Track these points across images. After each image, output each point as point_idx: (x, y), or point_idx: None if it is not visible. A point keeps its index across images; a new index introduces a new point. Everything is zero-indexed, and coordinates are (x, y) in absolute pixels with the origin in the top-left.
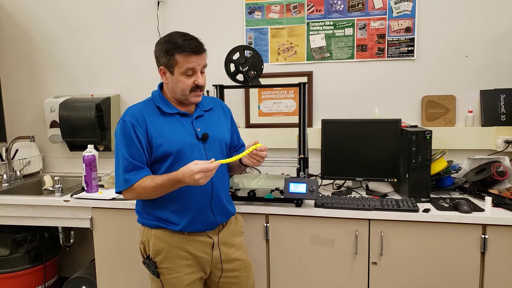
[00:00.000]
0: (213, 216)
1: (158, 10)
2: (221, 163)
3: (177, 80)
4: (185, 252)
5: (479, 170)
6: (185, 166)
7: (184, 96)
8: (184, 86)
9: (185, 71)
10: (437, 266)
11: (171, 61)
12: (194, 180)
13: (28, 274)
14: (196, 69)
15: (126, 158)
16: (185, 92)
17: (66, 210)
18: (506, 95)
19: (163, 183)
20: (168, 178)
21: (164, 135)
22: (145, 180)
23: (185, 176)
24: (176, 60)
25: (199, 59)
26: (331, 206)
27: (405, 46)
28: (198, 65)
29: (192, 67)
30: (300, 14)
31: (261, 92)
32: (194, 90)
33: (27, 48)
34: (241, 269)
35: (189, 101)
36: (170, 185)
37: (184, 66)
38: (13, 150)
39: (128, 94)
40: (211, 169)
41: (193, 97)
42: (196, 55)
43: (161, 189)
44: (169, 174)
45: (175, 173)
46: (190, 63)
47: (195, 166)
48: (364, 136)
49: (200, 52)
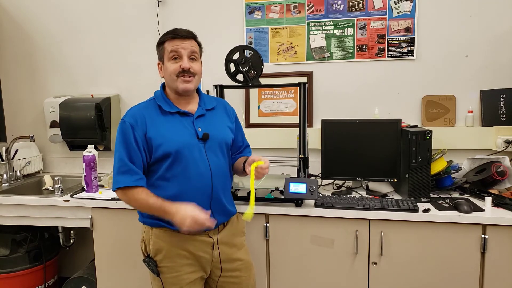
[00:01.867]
0: (212, 216)
1: (158, 10)
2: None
3: (165, 67)
4: (185, 251)
5: (479, 170)
6: (183, 206)
7: (173, 83)
8: (170, 71)
9: (170, 56)
10: (437, 266)
11: (161, 51)
12: (182, 224)
13: (28, 274)
14: (181, 53)
15: (121, 159)
16: (173, 77)
17: (66, 210)
18: (506, 95)
19: (155, 206)
20: (161, 206)
21: (164, 135)
22: (140, 193)
23: (178, 214)
24: (164, 48)
25: (183, 42)
26: (331, 206)
27: (405, 46)
28: (183, 48)
29: (175, 49)
30: (300, 14)
31: (261, 92)
32: (182, 75)
33: (27, 48)
34: (242, 269)
35: (178, 88)
36: (159, 211)
37: (168, 50)
38: (13, 150)
39: (128, 94)
40: (203, 224)
41: (181, 83)
42: (179, 39)
43: (149, 210)
44: (163, 203)
45: (169, 205)
46: (173, 46)
47: (192, 212)
48: (364, 136)
49: (184, 37)
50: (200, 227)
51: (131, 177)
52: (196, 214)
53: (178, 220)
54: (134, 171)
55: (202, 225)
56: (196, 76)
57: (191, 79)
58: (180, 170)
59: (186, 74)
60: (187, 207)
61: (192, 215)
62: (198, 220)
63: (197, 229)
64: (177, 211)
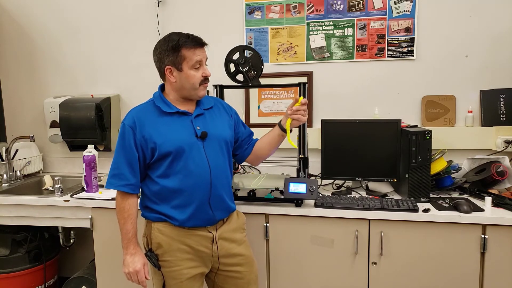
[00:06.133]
0: (211, 212)
1: (158, 10)
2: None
3: (186, 75)
4: (186, 246)
5: (479, 170)
6: (140, 256)
7: (194, 91)
8: (194, 80)
9: (193, 64)
10: (437, 266)
11: (178, 57)
12: (125, 266)
13: (28, 274)
14: (202, 62)
15: (116, 162)
16: (195, 86)
17: (66, 210)
18: (506, 95)
19: (126, 232)
20: (129, 239)
21: (164, 134)
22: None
23: (131, 257)
24: (183, 55)
25: (203, 51)
26: (331, 206)
27: (405, 46)
28: (203, 57)
29: (199, 59)
30: (300, 14)
31: (261, 92)
32: (203, 83)
33: (27, 48)
34: (243, 264)
35: (197, 95)
36: (124, 238)
37: (193, 59)
38: (13, 150)
39: (128, 94)
40: (138, 282)
41: (202, 90)
42: (200, 48)
43: (121, 228)
44: (133, 238)
45: (134, 244)
46: (197, 55)
47: (139, 267)
48: (364, 136)
49: (204, 45)
50: (135, 281)
51: (118, 181)
52: (140, 271)
53: (127, 260)
54: (124, 176)
55: (137, 282)
56: None
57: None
58: (180, 168)
59: (207, 81)
60: (141, 260)
61: (139, 269)
62: (138, 276)
63: (131, 280)
64: (134, 254)
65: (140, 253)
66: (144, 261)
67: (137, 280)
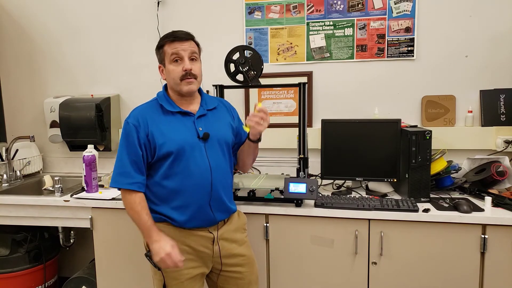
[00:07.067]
0: (212, 213)
1: (158, 10)
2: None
3: (168, 70)
4: (186, 246)
5: (479, 170)
6: (166, 239)
7: (177, 86)
8: (174, 75)
9: (172, 59)
10: (437, 266)
11: (161, 54)
12: (157, 253)
13: (28, 274)
14: (182, 55)
15: (121, 160)
16: (177, 81)
17: (66, 210)
18: (506, 95)
19: (143, 223)
20: (149, 227)
21: (165, 134)
22: (136, 204)
23: (158, 243)
24: (165, 51)
25: (182, 44)
26: (331, 206)
27: (405, 46)
28: (183, 50)
29: (175, 52)
30: (300, 14)
31: (261, 92)
32: (185, 78)
33: (27, 48)
34: (244, 264)
35: (183, 92)
36: (143, 229)
37: (169, 53)
38: (13, 150)
39: (128, 94)
40: (175, 263)
41: (185, 85)
42: (179, 41)
43: (138, 222)
44: (152, 226)
45: (156, 231)
46: (174, 48)
47: (170, 249)
48: (364, 136)
49: (183, 39)
50: (171, 264)
51: (125, 179)
52: (172, 252)
53: (155, 248)
54: (130, 175)
55: (173, 264)
56: (198, 77)
57: (194, 80)
58: (181, 168)
59: (189, 76)
60: (168, 242)
61: (169, 251)
62: (172, 258)
63: (167, 266)
64: (159, 240)
65: (164, 237)
66: (172, 243)
67: (173, 262)
